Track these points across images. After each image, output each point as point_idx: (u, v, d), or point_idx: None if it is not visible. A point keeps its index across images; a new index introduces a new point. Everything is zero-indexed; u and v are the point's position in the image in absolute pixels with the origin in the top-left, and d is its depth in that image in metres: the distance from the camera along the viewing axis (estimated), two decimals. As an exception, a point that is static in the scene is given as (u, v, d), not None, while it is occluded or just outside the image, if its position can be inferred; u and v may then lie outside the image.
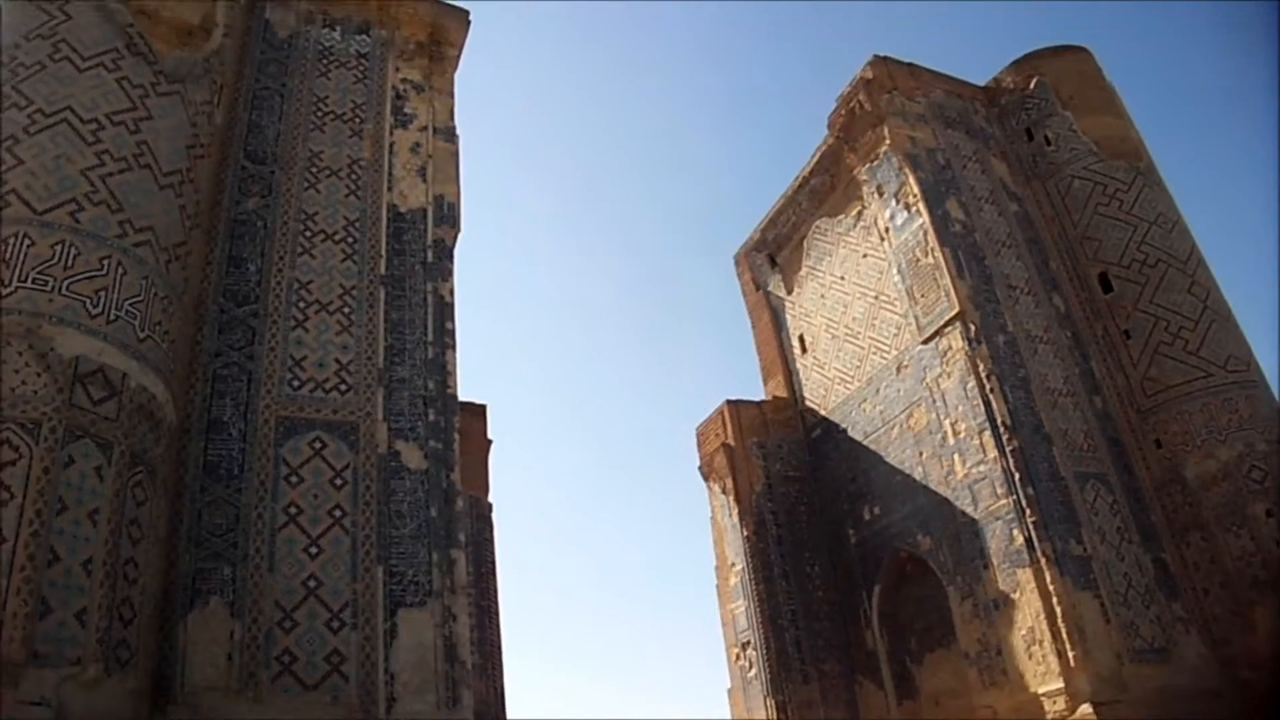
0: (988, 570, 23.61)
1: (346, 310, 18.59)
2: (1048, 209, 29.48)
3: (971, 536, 24.33)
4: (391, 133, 21.66)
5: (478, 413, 30.03)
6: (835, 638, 29.64)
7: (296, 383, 17.37)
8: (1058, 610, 21.52)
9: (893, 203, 28.63)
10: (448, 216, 21.10)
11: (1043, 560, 22.08)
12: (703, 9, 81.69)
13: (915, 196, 27.59)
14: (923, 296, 27.01)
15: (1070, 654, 21.07)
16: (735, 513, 31.29)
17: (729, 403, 33.38)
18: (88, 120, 15.00)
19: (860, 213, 31.09)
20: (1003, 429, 23.83)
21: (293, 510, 15.94)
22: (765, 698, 28.60)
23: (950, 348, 25.77)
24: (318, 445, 16.81)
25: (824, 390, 32.66)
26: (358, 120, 21.43)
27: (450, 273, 20.38)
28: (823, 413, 32.45)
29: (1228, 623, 22.84)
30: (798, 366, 34.61)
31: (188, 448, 15.85)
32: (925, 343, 26.79)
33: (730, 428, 32.72)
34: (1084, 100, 30.19)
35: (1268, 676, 21.54)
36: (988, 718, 23.11)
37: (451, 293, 20.08)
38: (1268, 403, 25.04)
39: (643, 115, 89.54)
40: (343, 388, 17.65)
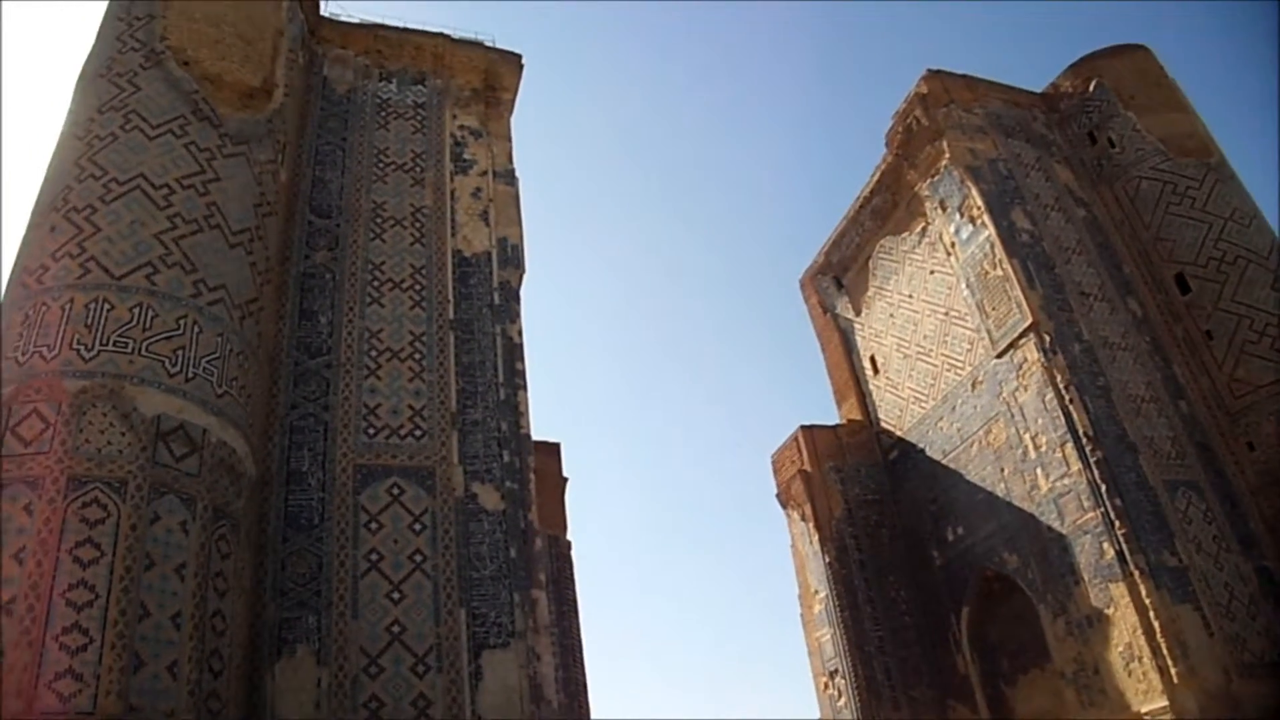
0: (1079, 586, 22.90)
1: (417, 356, 18.83)
2: (1117, 212, 28.85)
3: (1060, 552, 23.65)
4: (452, 179, 22.01)
5: (552, 451, 30.10)
6: (924, 662, 28.97)
7: (372, 430, 17.59)
8: (1156, 624, 20.75)
9: (957, 216, 28.26)
10: (512, 258, 21.33)
11: (1136, 573, 21.36)
12: (755, 37, 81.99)
13: (979, 209, 27.21)
14: (994, 310, 26.54)
15: (1173, 670, 20.25)
16: (815, 539, 30.87)
17: (803, 428, 33.04)
18: (159, 186, 15.53)
19: (924, 229, 30.73)
20: (1085, 440, 23.20)
21: (374, 557, 16.08)
22: (856, 727, 28.03)
23: (1025, 360, 25.24)
24: (395, 491, 16.97)
25: (899, 411, 32.19)
26: (418, 169, 21.81)
27: (518, 314, 20.56)
28: (899, 433, 31.96)
29: (1343, 632, 21.80)
30: (870, 388, 34.18)
31: (269, 499, 16.13)
32: (999, 356, 26.28)
33: (806, 453, 32.36)
34: (1146, 99, 29.60)
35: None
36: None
37: (520, 333, 20.24)
38: (1364, 397, 24.03)
39: (697, 145, 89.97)
40: (417, 433, 17.83)
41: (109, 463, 12.67)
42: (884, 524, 31.41)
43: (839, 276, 36.46)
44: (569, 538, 29.68)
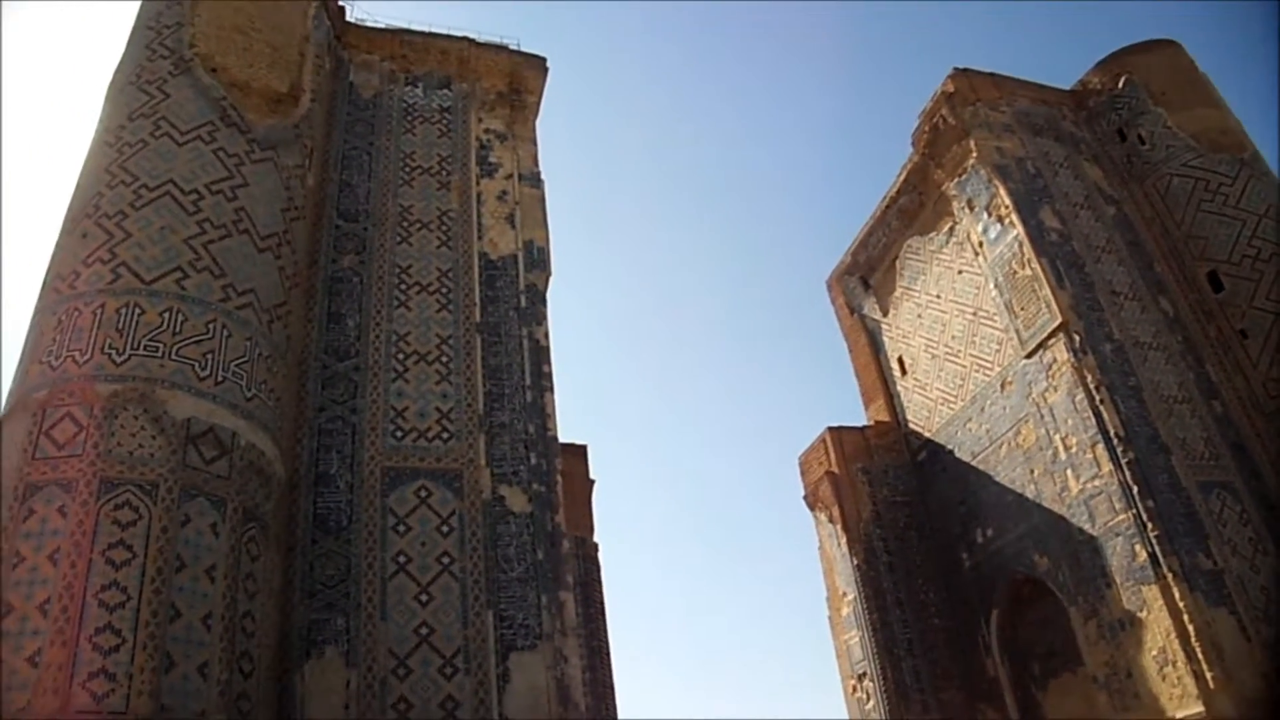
0: (1111, 589, 22.63)
1: (444, 359, 18.90)
2: (1147, 210, 28.52)
3: (1091, 554, 23.39)
4: (478, 182, 22.08)
5: (579, 453, 30.11)
6: (954, 666, 28.75)
7: (399, 433, 17.67)
8: (1190, 629, 20.44)
9: (984, 216, 28.05)
10: (538, 261, 21.37)
11: (1169, 576, 21.07)
12: (779, 37, 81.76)
13: (1007, 208, 26.98)
14: (1023, 309, 26.30)
15: (1209, 675, 19.93)
16: (844, 541, 30.70)
17: (830, 430, 32.85)
18: (188, 191, 15.68)
19: (952, 229, 30.52)
20: (1116, 441, 22.94)
21: (402, 559, 16.15)
22: (885, 730, 27.86)
23: (1055, 360, 25.00)
24: (423, 494, 17.04)
25: (927, 411, 31.98)
26: (445, 173, 21.91)
27: (544, 316, 20.60)
28: (927, 434, 31.74)
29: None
30: (898, 389, 33.97)
31: (297, 501, 16.23)
32: (1029, 357, 26.05)
33: (833, 455, 32.19)
34: (1177, 95, 29.24)
35: None
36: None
37: (547, 336, 20.28)
38: (1404, 396, 23.63)
39: (722, 146, 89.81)
40: (445, 436, 17.89)
41: (140, 465, 12.80)
42: (912, 526, 31.20)
43: (866, 277, 36.26)
44: (596, 540, 29.73)
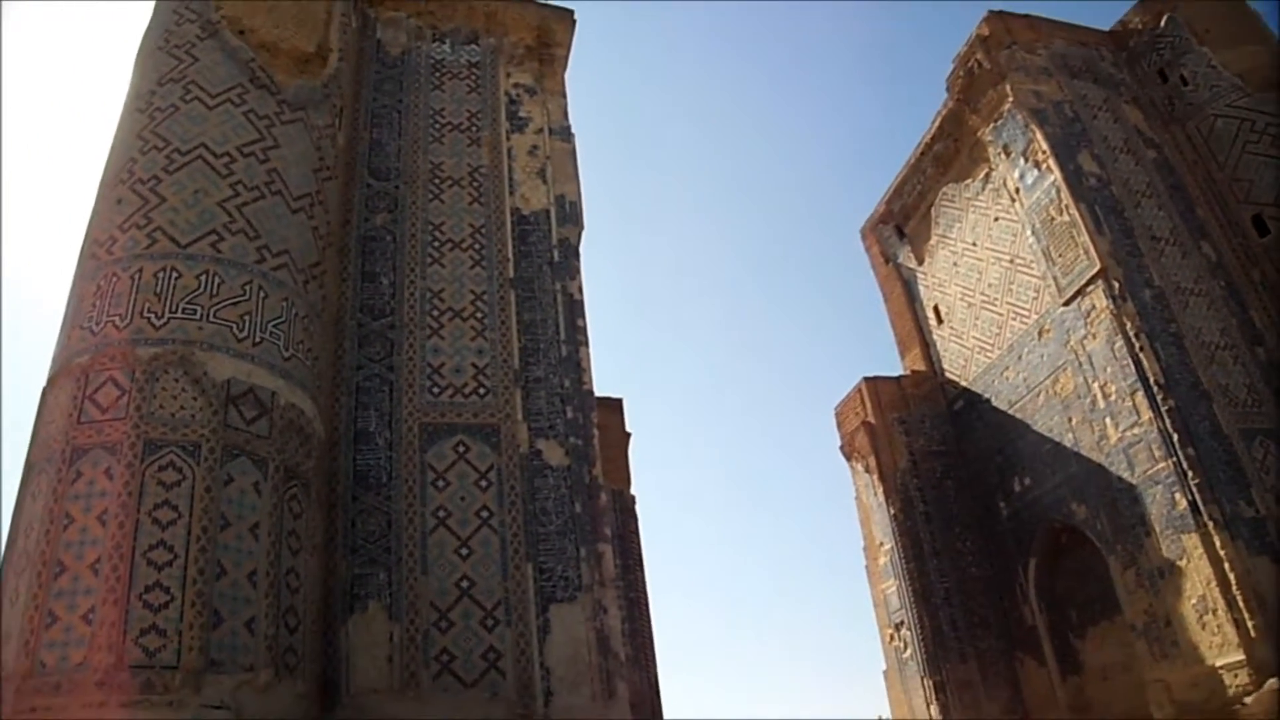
0: (1150, 537, 22.51)
1: (479, 315, 18.95)
2: (1189, 153, 27.88)
3: (1130, 503, 23.25)
4: (508, 138, 21.98)
5: (615, 407, 30.24)
6: (992, 614, 28.82)
7: (436, 389, 17.79)
8: (1231, 577, 20.31)
9: (1021, 161, 27.61)
10: (570, 215, 21.31)
11: (1210, 524, 20.91)
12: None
13: (1045, 153, 26.52)
14: (1060, 256, 25.94)
15: (1249, 624, 19.81)
16: (880, 491, 30.74)
17: (866, 380, 32.76)
18: (220, 154, 15.73)
19: (988, 175, 30.09)
20: (1156, 388, 22.69)
21: (442, 514, 16.33)
22: (922, 678, 28.04)
23: (1094, 307, 24.69)
24: (461, 449, 17.17)
25: (964, 361, 31.77)
26: (475, 129, 21.82)
27: (577, 271, 20.56)
28: (964, 384, 31.57)
29: None
30: (934, 338, 33.76)
31: (337, 459, 16.43)
32: (1066, 304, 25.73)
33: (870, 405, 32.12)
34: (1222, 32, 28.36)
35: None
36: (1161, 692, 22.06)
37: (580, 290, 20.25)
38: None
39: (753, 95, 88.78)
40: (481, 391, 17.99)
41: (183, 427, 13.01)
42: (949, 475, 31.15)
43: (900, 225, 35.88)
44: (633, 492, 29.94)
